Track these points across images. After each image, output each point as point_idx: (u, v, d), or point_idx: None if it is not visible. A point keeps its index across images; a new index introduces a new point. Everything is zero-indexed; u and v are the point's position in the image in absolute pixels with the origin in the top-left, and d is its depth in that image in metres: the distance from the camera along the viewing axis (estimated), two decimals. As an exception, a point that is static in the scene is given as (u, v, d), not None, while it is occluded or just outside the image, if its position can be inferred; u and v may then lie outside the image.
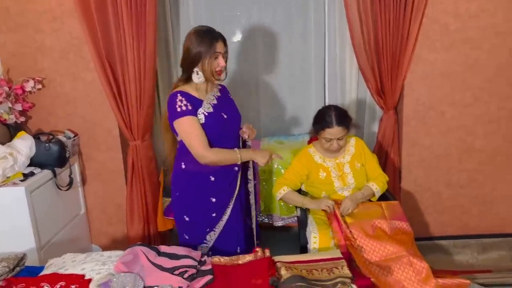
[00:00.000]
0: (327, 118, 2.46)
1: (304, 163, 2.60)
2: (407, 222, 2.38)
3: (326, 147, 2.52)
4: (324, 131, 2.46)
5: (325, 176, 2.56)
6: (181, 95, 2.14)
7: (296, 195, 2.59)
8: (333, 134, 2.45)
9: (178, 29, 3.25)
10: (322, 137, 2.50)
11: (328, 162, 2.59)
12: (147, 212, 3.00)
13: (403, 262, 2.13)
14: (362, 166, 2.59)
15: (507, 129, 2.97)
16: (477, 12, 2.81)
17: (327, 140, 2.49)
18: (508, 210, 3.12)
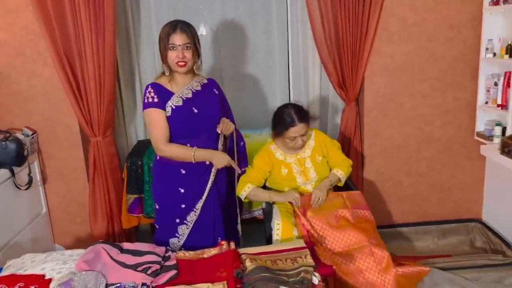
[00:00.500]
0: (288, 117, 2.42)
1: (266, 160, 2.55)
2: (369, 211, 2.44)
3: (291, 146, 2.49)
4: (288, 130, 2.42)
5: (287, 172, 2.54)
6: (152, 87, 2.19)
7: (261, 190, 2.54)
8: (297, 131, 2.42)
9: (139, 22, 3.20)
10: (286, 137, 2.45)
11: (289, 158, 2.56)
12: (110, 210, 2.95)
13: (364, 252, 2.19)
14: (324, 158, 2.61)
15: (463, 119, 3.09)
16: (433, 6, 2.90)
17: (291, 139, 2.45)
18: (465, 196, 3.24)
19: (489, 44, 2.86)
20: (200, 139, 2.23)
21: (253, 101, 3.51)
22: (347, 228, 2.29)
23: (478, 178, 3.20)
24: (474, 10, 2.91)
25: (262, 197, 2.54)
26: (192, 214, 2.28)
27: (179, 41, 2.12)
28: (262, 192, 2.53)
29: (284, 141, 2.51)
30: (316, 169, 2.57)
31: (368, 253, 2.18)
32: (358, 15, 2.81)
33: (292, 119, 2.41)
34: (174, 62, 2.14)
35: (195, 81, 2.28)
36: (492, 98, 2.87)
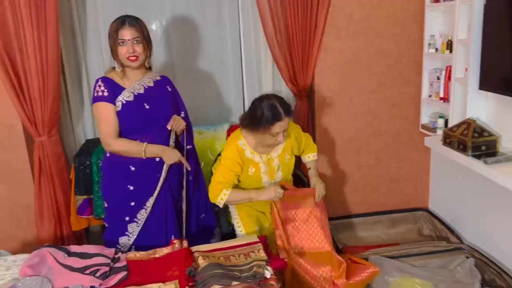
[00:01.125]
0: (273, 111, 2.16)
1: (237, 160, 2.31)
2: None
3: (270, 143, 2.26)
4: (274, 125, 2.16)
5: (254, 172, 2.36)
6: (102, 80, 2.15)
7: (239, 192, 2.32)
8: (283, 127, 2.19)
9: (85, 17, 3.09)
10: (269, 133, 2.20)
11: (258, 157, 2.36)
12: (58, 212, 2.85)
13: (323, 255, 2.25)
14: (292, 155, 2.47)
15: (409, 112, 3.21)
16: (378, 2, 2.99)
17: (273, 135, 2.21)
18: (413, 186, 3.38)
19: (431, 39, 2.98)
20: (150, 135, 2.20)
21: (207, 97, 3.48)
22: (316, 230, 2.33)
23: (424, 169, 3.34)
24: (417, 6, 3.02)
25: (242, 199, 2.33)
26: (142, 212, 2.25)
27: (128, 35, 2.09)
28: (241, 194, 2.32)
29: (261, 138, 2.27)
30: (283, 169, 2.44)
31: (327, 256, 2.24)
32: (307, 11, 2.84)
33: (278, 112, 2.16)
34: (125, 57, 2.11)
35: (147, 77, 2.25)
36: (435, 91, 3.00)
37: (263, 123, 2.17)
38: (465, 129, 2.54)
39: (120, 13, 2.24)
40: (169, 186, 2.30)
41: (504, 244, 2.60)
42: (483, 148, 2.49)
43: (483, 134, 2.51)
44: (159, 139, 2.23)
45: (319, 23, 2.89)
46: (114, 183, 2.26)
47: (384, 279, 2.51)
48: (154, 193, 2.24)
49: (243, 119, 2.30)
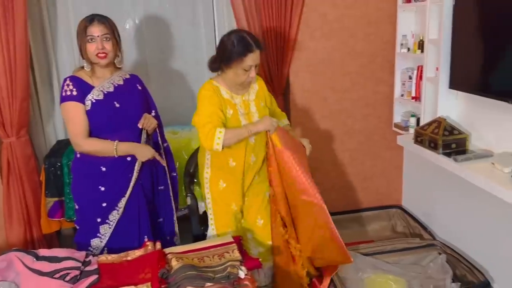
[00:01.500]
0: (245, 42, 2.12)
1: (216, 100, 2.19)
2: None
3: (243, 80, 2.18)
4: (246, 57, 2.11)
5: (232, 114, 2.24)
6: (70, 79, 2.11)
7: (235, 129, 2.19)
8: (254, 59, 2.14)
9: (55, 16, 3.03)
10: (240, 67, 2.14)
11: (235, 98, 2.27)
12: (28, 215, 2.78)
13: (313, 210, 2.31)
14: (265, 106, 2.41)
15: (382, 111, 3.25)
16: (352, 2, 3.02)
17: (246, 70, 2.15)
18: (386, 184, 3.43)
19: (403, 39, 3.03)
20: (121, 134, 2.16)
21: (181, 97, 3.45)
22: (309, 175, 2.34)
23: (397, 167, 3.40)
24: (390, 7, 3.07)
25: (240, 135, 2.18)
26: (114, 213, 2.21)
27: (97, 32, 2.06)
28: (236, 130, 2.18)
29: (233, 75, 2.19)
30: (260, 115, 2.33)
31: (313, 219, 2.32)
32: (281, 11, 2.85)
33: (249, 43, 2.12)
34: (94, 55, 2.07)
35: (117, 75, 2.22)
36: (407, 91, 3.05)
37: (234, 55, 2.13)
38: (436, 128, 2.58)
39: (92, 11, 2.20)
40: (142, 186, 2.27)
41: (475, 240, 2.67)
42: (453, 146, 2.55)
43: (453, 132, 2.56)
44: (130, 138, 2.19)
45: (293, 23, 2.90)
46: (84, 184, 2.21)
47: (358, 275, 2.53)
48: (126, 194, 2.21)
49: (212, 63, 2.26)
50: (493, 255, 2.53)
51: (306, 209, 2.33)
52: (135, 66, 3.25)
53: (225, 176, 2.34)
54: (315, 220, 2.32)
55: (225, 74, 2.23)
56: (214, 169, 2.35)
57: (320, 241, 2.33)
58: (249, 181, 2.38)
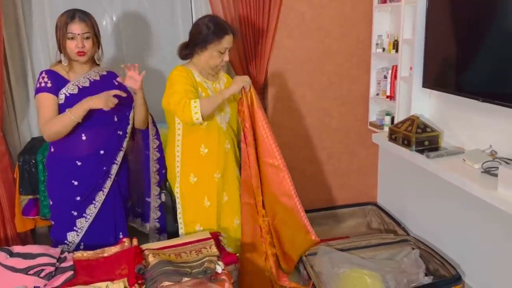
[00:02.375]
0: (221, 24, 2.20)
1: (190, 81, 2.22)
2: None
3: (217, 62, 2.23)
4: (223, 38, 2.18)
5: (203, 96, 2.25)
6: (46, 72, 2.12)
7: (209, 98, 2.19)
8: (230, 42, 2.21)
9: (30, 11, 2.97)
10: (216, 49, 2.19)
11: (207, 83, 2.31)
12: (2, 213, 2.72)
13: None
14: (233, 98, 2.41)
15: (358, 110, 3.31)
16: (328, 2, 3.07)
17: (221, 52, 2.21)
18: (362, 181, 3.49)
19: (378, 39, 3.09)
20: (94, 129, 2.16)
21: (158, 94, 3.40)
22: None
23: (373, 164, 3.46)
24: (365, 7, 3.13)
25: (216, 101, 2.17)
26: (91, 207, 2.20)
27: (78, 30, 2.06)
28: (211, 99, 2.18)
29: (208, 57, 2.23)
30: (230, 105, 2.39)
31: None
32: (259, 10, 2.87)
33: (225, 26, 2.21)
34: (73, 52, 2.08)
35: (94, 71, 2.22)
36: (382, 90, 3.11)
37: (211, 37, 2.18)
38: (409, 126, 2.65)
39: (68, 7, 2.18)
40: (117, 183, 2.27)
41: (447, 235, 2.74)
42: (426, 143, 2.62)
43: (426, 130, 2.63)
44: (105, 133, 2.19)
45: (271, 22, 2.92)
46: (58, 179, 2.20)
47: (334, 270, 2.57)
48: (103, 188, 2.21)
49: (183, 49, 2.29)
50: (464, 250, 2.61)
51: (272, 174, 2.40)
52: (112, 62, 3.22)
53: (196, 168, 2.33)
54: (279, 186, 2.40)
55: (197, 59, 2.26)
56: (185, 159, 2.33)
57: (284, 211, 2.42)
58: (227, 173, 2.39)
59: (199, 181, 2.35)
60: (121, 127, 2.27)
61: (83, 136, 2.14)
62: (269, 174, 2.42)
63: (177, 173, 2.36)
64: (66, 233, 2.18)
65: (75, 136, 2.13)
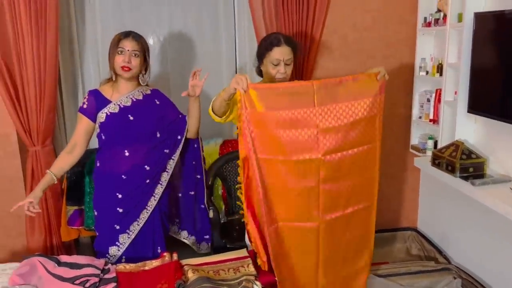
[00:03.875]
0: (274, 38, 2.24)
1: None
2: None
3: (273, 74, 2.22)
4: (272, 51, 2.20)
5: None
6: (89, 93, 2.27)
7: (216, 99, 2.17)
8: (282, 53, 2.19)
9: (83, 30, 3.14)
10: (269, 61, 2.21)
11: None
12: (49, 222, 2.85)
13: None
14: None
15: (399, 132, 3.26)
16: (371, 25, 3.07)
17: (274, 64, 2.20)
18: (402, 206, 3.42)
19: (422, 62, 3.06)
20: (133, 147, 2.24)
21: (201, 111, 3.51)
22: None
23: (413, 189, 3.39)
24: (409, 30, 3.11)
25: (220, 100, 2.11)
26: (135, 224, 2.26)
27: (129, 46, 2.16)
28: (217, 99, 2.16)
29: (265, 71, 2.27)
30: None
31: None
32: (302, 31, 2.91)
33: (278, 38, 2.22)
34: (119, 66, 2.17)
35: (138, 90, 2.30)
36: (425, 113, 3.06)
37: (262, 50, 2.24)
38: (454, 151, 2.59)
39: (119, 26, 2.32)
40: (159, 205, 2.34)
41: (491, 265, 2.64)
42: (470, 170, 2.55)
43: (471, 156, 2.56)
44: (143, 150, 2.25)
45: (313, 44, 2.95)
46: (104, 191, 2.29)
47: (372, 297, 2.53)
48: (147, 207, 2.27)
49: (256, 67, 2.37)
50: (509, 281, 2.50)
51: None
52: (157, 80, 3.34)
53: None
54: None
55: (263, 74, 2.31)
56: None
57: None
58: None
59: None
60: (167, 145, 2.33)
61: (125, 152, 2.22)
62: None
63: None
64: (108, 247, 2.26)
65: (118, 152, 2.22)
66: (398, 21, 3.10)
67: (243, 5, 3.22)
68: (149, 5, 3.28)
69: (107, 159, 2.25)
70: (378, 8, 3.06)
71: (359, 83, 2.14)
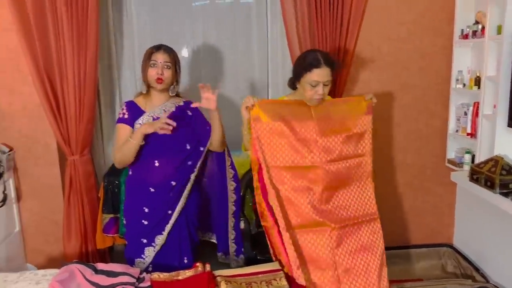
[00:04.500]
0: (313, 58, 2.16)
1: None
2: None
3: (310, 95, 2.19)
4: (311, 72, 2.14)
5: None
6: (125, 104, 2.32)
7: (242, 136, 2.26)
8: (321, 75, 2.15)
9: (121, 43, 3.24)
10: (307, 82, 2.17)
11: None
12: (85, 229, 2.92)
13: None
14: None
15: (435, 145, 3.20)
16: (406, 36, 3.04)
17: (312, 85, 2.16)
18: (437, 221, 3.33)
19: (459, 75, 2.99)
20: (166, 157, 2.27)
21: (232, 122, 3.54)
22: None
23: (449, 204, 3.30)
24: (445, 42, 3.06)
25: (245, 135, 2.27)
26: (159, 237, 2.30)
27: (161, 59, 2.22)
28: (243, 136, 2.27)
29: (302, 90, 2.22)
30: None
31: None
32: (335, 42, 2.90)
33: (317, 59, 2.15)
34: (153, 78, 2.22)
35: (171, 102, 2.34)
36: (462, 126, 2.99)
37: (300, 69, 2.19)
38: (493, 166, 2.52)
39: (155, 40, 2.38)
40: (185, 212, 2.35)
41: (532, 285, 2.54)
42: (511, 186, 2.46)
43: (511, 172, 2.48)
44: (175, 161, 2.28)
45: (347, 55, 2.94)
46: (132, 202, 2.34)
47: (407, 314, 2.46)
48: (171, 220, 2.30)
49: (289, 80, 2.35)
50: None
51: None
52: (190, 91, 3.40)
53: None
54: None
55: (299, 90, 2.27)
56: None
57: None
58: None
59: None
60: (191, 157, 2.35)
61: (156, 162, 2.26)
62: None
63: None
64: (135, 259, 2.30)
65: (149, 162, 2.26)
66: (434, 33, 3.05)
67: (275, 17, 3.25)
68: (184, 19, 3.36)
69: (139, 168, 2.29)
70: (413, 20, 3.03)
71: (348, 103, 2.37)
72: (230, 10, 3.39)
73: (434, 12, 3.03)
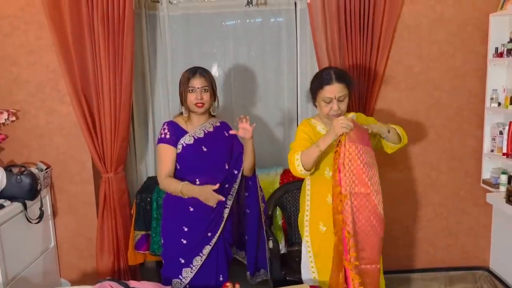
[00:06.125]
0: (325, 76, 2.21)
1: (307, 132, 2.29)
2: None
3: (326, 112, 2.22)
4: (323, 89, 2.19)
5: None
6: (167, 124, 2.35)
7: (308, 149, 2.19)
8: (332, 91, 2.17)
9: (155, 63, 3.34)
10: (321, 99, 2.21)
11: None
12: (117, 246, 2.98)
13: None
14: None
15: (469, 166, 3.12)
16: (438, 55, 3.00)
17: (326, 102, 2.19)
18: (472, 243, 3.23)
19: (493, 94, 2.93)
20: (208, 175, 2.31)
21: (262, 141, 3.57)
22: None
23: (485, 225, 3.20)
24: (479, 60, 3.01)
25: (313, 151, 2.15)
26: (198, 258, 2.32)
27: (198, 84, 2.27)
28: (309, 149, 2.17)
29: (319, 108, 2.26)
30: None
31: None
32: (366, 63, 2.90)
33: (329, 77, 2.19)
34: (193, 104, 2.28)
35: (209, 122, 2.40)
36: (497, 146, 2.91)
37: (314, 87, 2.25)
38: (531, 188, 2.43)
39: (188, 61, 2.43)
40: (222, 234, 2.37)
41: None
42: (550, 208, 2.38)
43: (551, 193, 2.39)
44: (216, 179, 2.30)
45: (377, 75, 2.93)
46: (171, 221, 2.36)
47: None
48: (210, 242, 2.32)
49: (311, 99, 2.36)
50: None
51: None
52: (222, 111, 3.44)
53: (325, 218, 2.28)
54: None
55: (318, 109, 2.30)
56: (313, 210, 2.36)
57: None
58: None
59: (328, 230, 2.28)
60: (227, 181, 2.37)
61: (197, 181, 2.29)
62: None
63: (306, 222, 2.37)
64: (172, 279, 2.32)
65: (191, 180, 2.29)
66: (467, 51, 3.01)
67: (305, 37, 3.28)
68: (215, 40, 3.43)
69: None
70: (445, 39, 2.99)
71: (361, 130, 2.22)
72: (260, 29, 3.45)
73: (467, 31, 2.99)
